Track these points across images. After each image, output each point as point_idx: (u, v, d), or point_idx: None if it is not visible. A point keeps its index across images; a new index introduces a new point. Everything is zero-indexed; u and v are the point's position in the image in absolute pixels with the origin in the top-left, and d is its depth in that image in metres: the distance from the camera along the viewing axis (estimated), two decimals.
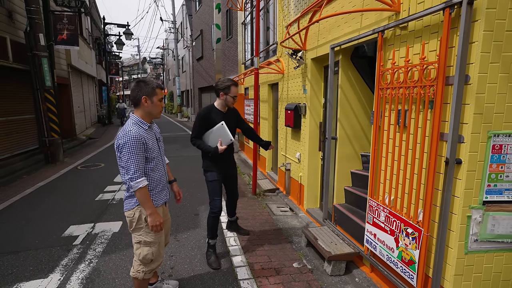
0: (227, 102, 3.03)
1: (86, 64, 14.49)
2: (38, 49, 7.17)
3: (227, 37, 12.24)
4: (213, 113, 3.02)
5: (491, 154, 1.84)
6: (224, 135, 2.93)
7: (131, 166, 1.94)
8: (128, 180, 1.95)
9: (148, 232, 2.10)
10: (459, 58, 1.76)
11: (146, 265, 2.14)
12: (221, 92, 3.00)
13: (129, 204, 2.08)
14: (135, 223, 2.08)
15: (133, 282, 2.22)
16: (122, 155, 1.95)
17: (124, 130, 1.98)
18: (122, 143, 1.93)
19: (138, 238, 2.11)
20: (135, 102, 2.06)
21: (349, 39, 2.95)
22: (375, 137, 2.65)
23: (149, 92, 2.04)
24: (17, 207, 4.56)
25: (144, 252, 2.11)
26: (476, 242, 1.96)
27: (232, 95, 3.00)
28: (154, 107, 2.07)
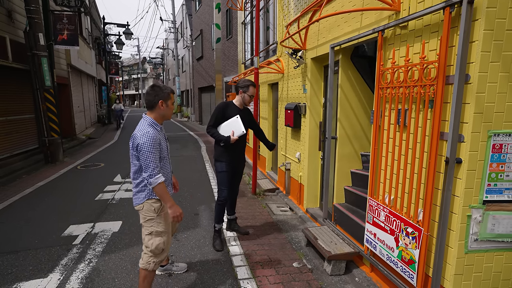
0: (244, 100, 3.34)
1: (86, 64, 14.48)
2: (37, 49, 7.16)
3: (227, 36, 12.24)
4: (230, 107, 3.31)
5: (491, 154, 1.84)
6: (237, 127, 3.19)
7: (150, 164, 2.07)
8: (148, 177, 2.08)
9: (159, 223, 2.23)
10: (459, 57, 1.76)
11: (157, 256, 2.24)
12: (240, 90, 3.33)
13: (139, 198, 2.23)
14: (146, 215, 2.22)
15: (140, 274, 2.27)
16: (140, 154, 2.08)
17: (141, 131, 2.12)
18: (142, 143, 2.07)
19: (150, 229, 2.23)
20: (151, 105, 2.21)
21: (349, 38, 2.95)
22: (375, 137, 2.65)
23: (165, 96, 2.22)
24: (16, 207, 4.56)
25: (156, 242, 2.22)
26: (476, 241, 1.95)
27: (249, 94, 3.31)
28: (168, 110, 2.26)
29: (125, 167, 7.09)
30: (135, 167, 2.19)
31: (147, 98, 2.22)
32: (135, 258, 3.05)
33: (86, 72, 14.68)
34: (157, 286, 2.60)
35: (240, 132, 3.18)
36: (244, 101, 3.34)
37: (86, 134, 12.86)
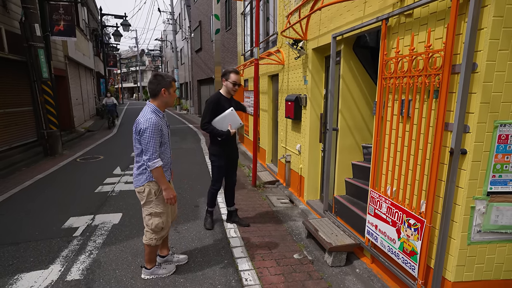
0: (228, 88, 3.30)
1: (83, 56, 14.32)
2: (34, 40, 7.05)
3: (226, 28, 12.08)
4: (222, 99, 3.30)
5: (497, 144, 1.81)
6: (234, 120, 3.20)
7: (149, 148, 2.24)
8: (147, 160, 2.25)
9: (158, 204, 2.42)
10: (467, 46, 1.71)
11: (157, 233, 2.46)
12: (223, 78, 3.31)
13: (140, 180, 2.39)
14: (146, 197, 2.39)
15: (145, 248, 2.54)
16: (142, 139, 2.24)
17: (144, 117, 2.25)
18: (144, 128, 2.22)
19: (149, 210, 2.42)
20: (154, 93, 2.34)
21: (351, 27, 2.89)
22: (377, 128, 2.61)
23: (167, 84, 2.34)
24: (16, 199, 4.54)
25: (155, 222, 2.43)
26: (479, 233, 1.94)
27: (231, 81, 3.24)
28: (170, 97, 2.40)
29: (125, 159, 7.06)
30: (137, 150, 2.34)
31: (150, 87, 2.34)
32: (135, 250, 3.05)
33: (84, 64, 14.53)
34: (158, 279, 2.60)
35: (238, 124, 3.21)
36: (228, 89, 3.30)
37: (85, 127, 12.79)
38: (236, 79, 3.26)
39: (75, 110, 12.14)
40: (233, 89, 3.29)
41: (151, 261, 2.59)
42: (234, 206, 3.69)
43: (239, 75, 3.31)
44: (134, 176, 2.44)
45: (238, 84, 3.28)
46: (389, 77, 2.41)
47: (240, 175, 5.94)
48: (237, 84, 3.27)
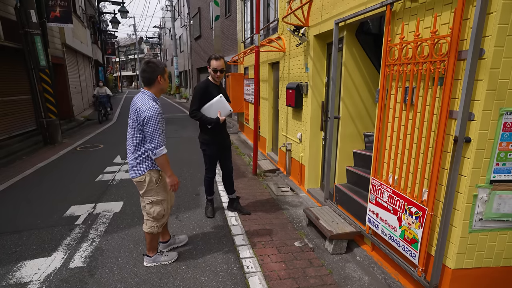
0: (211, 75, 3.25)
1: (81, 44, 14.11)
2: (30, 27, 6.92)
3: (226, 15, 11.86)
4: (210, 86, 3.23)
5: (502, 132, 1.79)
6: (223, 107, 3.15)
7: (155, 136, 2.23)
8: (153, 148, 2.24)
9: (158, 192, 2.43)
10: (475, 31, 1.67)
11: (158, 221, 2.48)
12: (207, 66, 3.27)
13: (139, 170, 2.36)
14: (146, 186, 2.38)
15: (146, 236, 2.55)
16: (147, 127, 2.21)
17: (146, 105, 2.22)
18: (149, 116, 2.19)
19: (150, 198, 2.43)
20: (150, 81, 2.31)
21: (355, 13, 2.82)
22: (380, 116, 2.58)
23: (162, 71, 2.32)
24: (17, 187, 4.55)
25: (157, 209, 2.44)
26: (481, 221, 1.94)
27: (212, 67, 3.17)
28: (165, 83, 2.39)
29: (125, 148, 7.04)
30: (137, 139, 2.31)
31: (145, 75, 2.29)
32: (137, 238, 3.07)
33: (81, 52, 14.32)
34: (160, 266, 2.62)
35: (227, 111, 3.15)
36: (212, 76, 3.24)
37: (84, 116, 12.73)
38: (216, 65, 3.15)
39: (74, 98, 12.05)
40: (216, 76, 3.21)
41: (153, 249, 2.60)
42: (234, 193, 3.70)
43: (221, 61, 3.18)
44: (131, 166, 2.38)
45: (219, 70, 3.17)
46: (392, 64, 2.37)
47: (240, 163, 5.94)
48: (218, 70, 3.17)
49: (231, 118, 12.54)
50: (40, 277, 2.45)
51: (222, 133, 3.40)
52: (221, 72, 3.20)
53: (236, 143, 7.98)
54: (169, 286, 2.37)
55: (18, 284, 2.38)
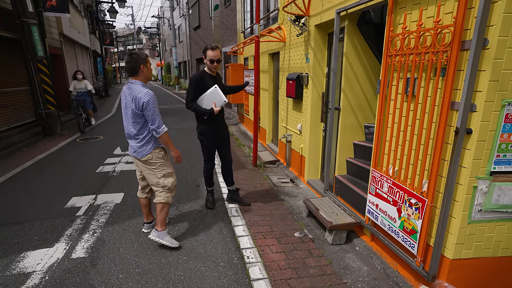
0: (207, 66, 3.20)
1: (79, 34, 13.93)
2: (26, 16, 6.81)
3: (225, 4, 11.67)
4: (205, 77, 3.21)
5: (504, 124, 1.78)
6: (218, 97, 3.13)
7: (156, 117, 2.52)
8: (156, 127, 2.53)
9: (167, 166, 2.75)
10: (479, 20, 1.64)
11: (172, 191, 2.79)
12: (203, 56, 3.23)
13: (146, 150, 2.63)
14: (157, 162, 2.67)
15: (157, 207, 2.75)
16: (147, 111, 2.48)
17: (142, 92, 2.47)
18: (147, 100, 2.45)
19: (162, 172, 2.71)
20: (135, 71, 2.53)
21: (357, 2, 2.77)
22: (381, 107, 2.57)
23: (143, 60, 2.55)
24: (18, 179, 4.56)
25: (170, 180, 2.74)
26: (480, 212, 1.95)
27: (208, 58, 3.13)
28: (149, 71, 2.61)
29: (125, 139, 7.04)
30: (139, 125, 2.57)
31: (129, 66, 2.53)
32: (138, 229, 3.09)
33: (79, 42, 14.15)
34: (162, 256, 2.65)
35: (222, 102, 3.13)
36: (208, 67, 3.19)
37: None
38: (213, 56, 3.11)
39: None
40: (212, 66, 3.15)
41: (163, 223, 2.77)
42: (234, 185, 3.71)
43: (217, 51, 3.14)
44: (136, 148, 2.64)
45: (216, 61, 3.13)
46: (394, 55, 2.34)
47: (240, 155, 5.94)
48: (215, 60, 3.13)
49: (231, 109, 12.49)
50: (43, 267, 2.48)
51: (219, 123, 3.37)
52: (218, 62, 3.16)
53: (236, 134, 7.97)
54: (170, 276, 2.39)
55: (21, 274, 2.40)
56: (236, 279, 2.37)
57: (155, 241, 2.78)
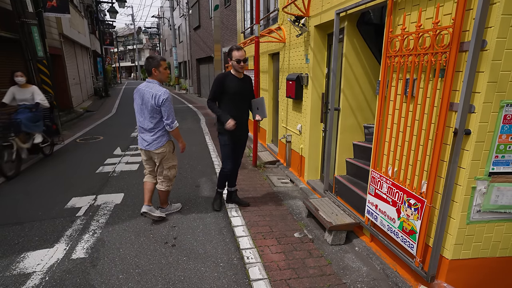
0: (234, 67, 3.20)
1: (79, 34, 13.94)
2: (26, 17, 6.81)
3: (225, 4, 11.68)
4: (229, 78, 3.22)
5: (502, 125, 1.79)
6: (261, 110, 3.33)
7: (171, 113, 2.93)
8: (170, 122, 2.93)
9: (174, 159, 3.21)
10: (477, 22, 1.65)
11: (172, 180, 3.27)
12: (228, 58, 3.23)
13: (161, 142, 3.02)
14: (167, 154, 3.09)
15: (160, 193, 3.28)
16: (164, 107, 2.86)
17: (160, 90, 2.85)
18: (165, 98, 2.85)
19: (169, 164, 3.16)
20: (149, 72, 2.92)
21: (356, 3, 2.78)
22: (380, 108, 2.58)
23: (156, 64, 2.89)
24: (18, 179, 4.56)
25: (173, 172, 3.24)
26: (479, 212, 1.96)
27: (235, 58, 3.13)
28: (161, 74, 2.94)
29: (125, 140, 7.05)
30: (155, 119, 2.93)
31: (145, 67, 2.95)
32: (138, 229, 3.10)
33: (79, 42, 14.17)
34: (161, 257, 2.66)
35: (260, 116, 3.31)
36: (234, 68, 3.19)
37: (84, 107, 12.68)
38: (239, 56, 3.12)
39: (72, 90, 11.99)
40: (239, 67, 3.16)
41: (165, 202, 3.37)
42: (235, 187, 3.72)
43: (242, 51, 3.14)
44: (151, 141, 2.99)
45: (242, 60, 3.14)
46: (393, 56, 2.34)
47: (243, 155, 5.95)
48: (241, 60, 3.13)
49: None
50: (43, 268, 2.48)
51: (240, 127, 3.28)
52: (244, 62, 3.17)
53: None
54: (170, 276, 2.40)
55: (21, 274, 2.41)
56: (236, 280, 2.37)
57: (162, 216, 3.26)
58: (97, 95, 18.06)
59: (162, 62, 2.92)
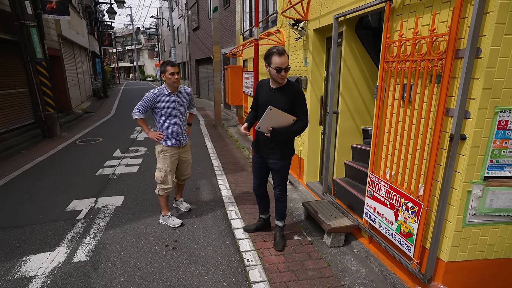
0: (271, 75, 2.52)
1: (77, 35, 13.93)
2: (25, 18, 6.83)
3: (225, 6, 11.71)
4: (264, 86, 2.66)
5: (496, 130, 1.83)
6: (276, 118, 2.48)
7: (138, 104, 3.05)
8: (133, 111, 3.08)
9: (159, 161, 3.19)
10: (472, 30, 1.68)
11: (159, 184, 3.21)
12: (265, 63, 2.52)
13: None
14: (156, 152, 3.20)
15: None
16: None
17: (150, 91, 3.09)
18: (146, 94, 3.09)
19: (158, 164, 3.20)
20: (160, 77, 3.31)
21: (354, 8, 2.82)
22: (378, 112, 2.61)
23: (162, 69, 3.04)
24: (18, 182, 4.58)
25: (156, 174, 3.20)
26: (474, 216, 2.00)
27: (274, 66, 2.41)
28: (166, 79, 3.04)
29: (124, 141, 7.07)
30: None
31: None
32: (139, 232, 3.12)
33: (78, 43, 14.16)
34: (162, 260, 2.69)
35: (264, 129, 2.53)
36: (272, 77, 2.52)
37: (83, 108, 12.68)
38: (280, 63, 2.39)
39: (71, 91, 11.98)
40: (279, 76, 2.44)
41: (163, 209, 3.30)
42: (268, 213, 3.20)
43: (285, 57, 2.42)
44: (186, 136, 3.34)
45: (284, 69, 2.42)
46: (391, 61, 2.38)
47: (240, 157, 5.98)
48: (282, 69, 2.41)
49: (230, 110, 12.51)
50: (45, 271, 2.51)
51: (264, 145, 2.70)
52: (286, 70, 2.44)
53: (235, 136, 8.01)
54: (171, 279, 2.43)
55: (23, 278, 2.43)
56: (236, 282, 2.40)
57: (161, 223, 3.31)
58: (95, 96, 18.04)
59: (169, 67, 2.99)
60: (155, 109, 3.09)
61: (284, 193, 2.85)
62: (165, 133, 3.12)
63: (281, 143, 2.65)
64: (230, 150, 6.58)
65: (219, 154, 6.19)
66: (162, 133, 3.11)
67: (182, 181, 3.54)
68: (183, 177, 3.48)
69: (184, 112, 3.26)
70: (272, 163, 2.73)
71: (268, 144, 2.68)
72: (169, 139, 3.14)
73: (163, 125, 3.12)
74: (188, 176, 3.52)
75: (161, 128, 3.13)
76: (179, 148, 3.24)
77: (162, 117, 3.10)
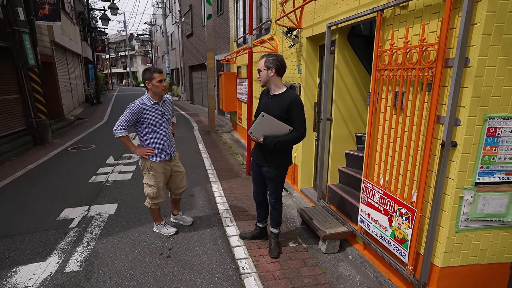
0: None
1: (70, 41, 13.86)
2: (18, 25, 6.78)
3: (218, 13, 11.80)
4: (265, 93, 2.70)
5: (486, 137, 1.87)
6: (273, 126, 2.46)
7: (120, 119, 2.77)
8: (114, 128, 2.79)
9: (149, 178, 2.97)
10: (460, 40, 1.74)
11: (150, 199, 3.04)
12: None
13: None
14: (142, 168, 2.98)
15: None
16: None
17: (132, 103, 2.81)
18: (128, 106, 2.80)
19: (145, 180, 3.00)
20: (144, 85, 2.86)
21: (346, 18, 2.87)
22: (371, 119, 2.65)
23: (147, 77, 2.81)
24: (8, 190, 4.49)
25: (146, 190, 3.00)
26: (467, 221, 2.03)
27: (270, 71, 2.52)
28: (153, 87, 2.82)
29: (117, 148, 7.00)
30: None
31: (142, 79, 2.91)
32: (133, 241, 3.08)
33: (71, 49, 14.08)
34: (157, 268, 2.65)
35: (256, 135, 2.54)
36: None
37: (75, 115, 12.55)
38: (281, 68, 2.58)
39: (63, 97, 11.86)
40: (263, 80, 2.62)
41: (156, 219, 3.24)
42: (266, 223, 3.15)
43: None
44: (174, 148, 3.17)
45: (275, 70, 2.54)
46: (383, 69, 2.43)
47: (234, 163, 5.98)
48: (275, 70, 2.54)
49: (224, 116, 12.53)
50: (36, 283, 2.45)
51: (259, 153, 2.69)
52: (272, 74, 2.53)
53: (229, 142, 8.01)
54: None
55: None
56: None
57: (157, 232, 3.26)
58: (88, 102, 17.88)
59: (156, 74, 2.76)
60: (139, 123, 2.82)
61: (279, 201, 2.83)
62: (154, 148, 2.88)
63: (276, 151, 2.59)
64: (224, 156, 6.57)
65: (213, 160, 6.18)
66: (151, 148, 2.87)
67: (179, 194, 3.26)
68: (179, 190, 3.21)
69: (169, 122, 3.05)
70: (266, 171, 2.71)
71: (263, 152, 2.66)
72: (159, 153, 2.91)
73: (150, 139, 2.86)
74: (185, 188, 3.26)
75: (148, 142, 2.87)
76: (170, 162, 3.05)
77: (148, 130, 2.84)
